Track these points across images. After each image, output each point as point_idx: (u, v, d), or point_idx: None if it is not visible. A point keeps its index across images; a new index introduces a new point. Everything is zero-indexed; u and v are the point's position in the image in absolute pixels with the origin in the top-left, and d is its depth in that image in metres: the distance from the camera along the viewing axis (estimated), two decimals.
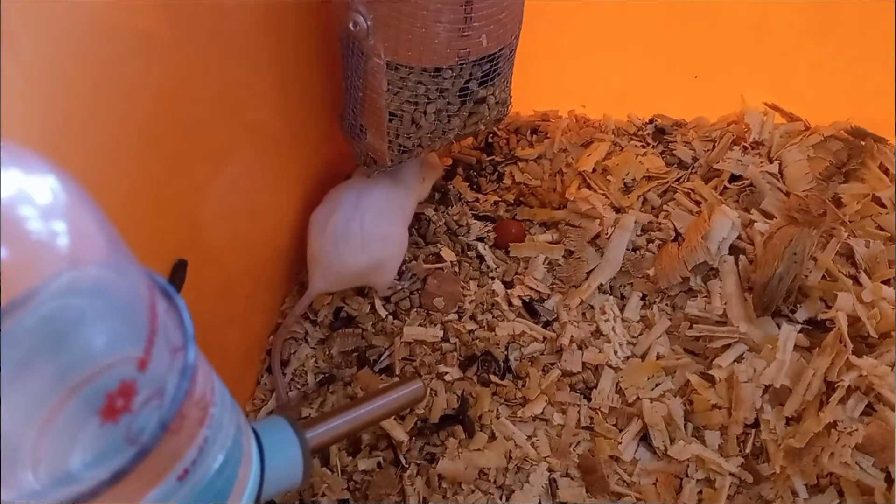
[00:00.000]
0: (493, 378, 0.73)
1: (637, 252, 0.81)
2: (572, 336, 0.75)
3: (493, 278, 0.81)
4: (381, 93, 0.67)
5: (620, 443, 0.68)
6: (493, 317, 0.77)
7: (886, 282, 0.73)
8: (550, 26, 0.92)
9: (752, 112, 0.89)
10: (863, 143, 0.83)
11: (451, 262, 0.82)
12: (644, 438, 0.69)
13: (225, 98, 0.59)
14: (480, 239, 0.85)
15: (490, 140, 0.99)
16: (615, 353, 0.74)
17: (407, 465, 0.69)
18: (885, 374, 0.64)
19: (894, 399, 0.63)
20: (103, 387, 0.28)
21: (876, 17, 0.82)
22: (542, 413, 0.71)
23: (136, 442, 0.29)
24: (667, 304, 0.77)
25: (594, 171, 0.89)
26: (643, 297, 0.78)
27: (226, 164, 0.61)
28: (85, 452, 0.29)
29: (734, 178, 0.85)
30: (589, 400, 0.72)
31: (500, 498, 0.67)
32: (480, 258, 0.83)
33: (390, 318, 0.78)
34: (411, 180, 0.81)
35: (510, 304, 0.78)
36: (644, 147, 0.92)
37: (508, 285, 0.80)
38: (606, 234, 0.82)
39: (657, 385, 0.71)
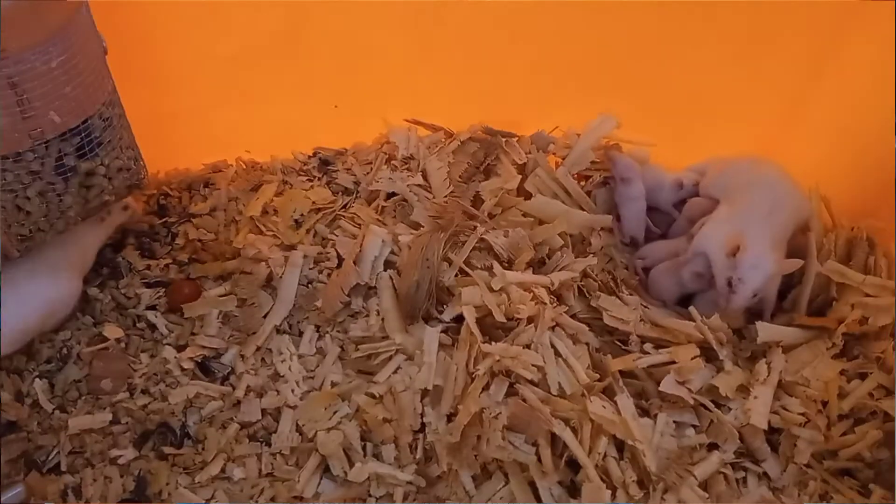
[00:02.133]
0: (171, 449, 0.71)
1: (310, 286, 0.82)
2: (249, 385, 0.74)
3: (165, 345, 0.78)
4: None
5: (299, 481, 0.69)
6: (167, 385, 0.75)
7: (530, 264, 0.79)
8: (198, 81, 0.92)
9: (397, 130, 0.93)
10: (495, 139, 0.90)
11: (118, 338, 0.78)
12: (326, 469, 0.70)
13: None
14: (152, 307, 0.82)
15: (162, 202, 0.96)
16: (293, 391, 0.74)
17: None
18: (519, 354, 0.69)
19: (528, 375, 0.68)
20: None
21: (479, 21, 0.89)
22: (221, 472, 0.70)
23: None
24: (337, 331, 0.78)
25: (264, 213, 0.89)
26: (317, 329, 0.79)
27: None
28: None
29: (390, 196, 0.89)
30: (269, 446, 0.72)
31: None
32: (152, 327, 0.80)
33: (56, 412, 0.74)
34: (57, 259, 0.77)
35: (182, 368, 0.76)
36: (311, 181, 0.94)
37: (181, 349, 0.78)
38: (278, 274, 0.82)
39: (335, 413, 0.73)
